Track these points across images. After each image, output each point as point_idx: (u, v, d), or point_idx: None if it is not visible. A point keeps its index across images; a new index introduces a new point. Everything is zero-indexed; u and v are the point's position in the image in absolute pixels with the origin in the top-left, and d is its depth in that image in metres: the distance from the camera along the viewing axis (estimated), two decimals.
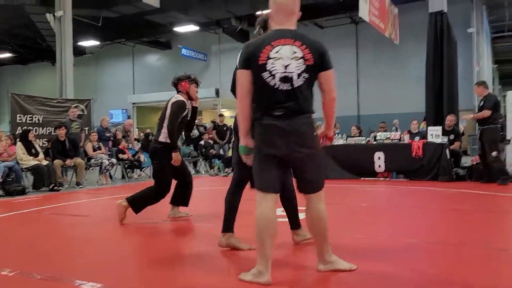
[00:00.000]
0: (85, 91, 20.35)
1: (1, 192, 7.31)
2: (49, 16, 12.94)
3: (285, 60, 2.45)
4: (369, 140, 9.13)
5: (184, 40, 21.18)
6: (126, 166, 9.93)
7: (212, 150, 11.52)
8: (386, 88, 18.38)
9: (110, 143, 10.12)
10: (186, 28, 19.01)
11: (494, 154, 7.23)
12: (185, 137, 11.35)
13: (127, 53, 24.06)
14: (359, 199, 6.35)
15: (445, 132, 8.42)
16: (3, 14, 16.20)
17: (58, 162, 8.28)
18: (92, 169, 9.34)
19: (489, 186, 7.04)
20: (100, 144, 9.53)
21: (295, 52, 2.47)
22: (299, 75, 2.46)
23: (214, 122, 12.37)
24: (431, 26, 9.43)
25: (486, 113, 7.20)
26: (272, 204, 2.54)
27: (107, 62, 24.78)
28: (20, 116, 9.98)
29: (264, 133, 2.51)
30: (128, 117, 22.29)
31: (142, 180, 9.83)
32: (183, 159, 5.09)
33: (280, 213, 4.41)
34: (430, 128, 8.53)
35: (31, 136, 8.40)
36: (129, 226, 4.51)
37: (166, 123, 4.45)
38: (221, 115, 12.69)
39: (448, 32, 9.33)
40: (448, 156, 8.03)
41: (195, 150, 11.67)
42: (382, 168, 8.51)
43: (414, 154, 8.18)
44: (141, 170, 10.43)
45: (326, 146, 2.95)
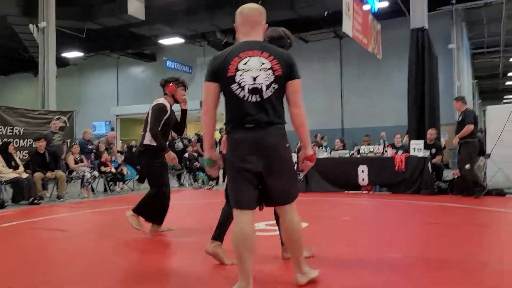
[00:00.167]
0: (68, 102, 20.06)
1: None
2: (32, 27, 12.85)
3: (253, 72, 2.44)
4: (353, 154, 9.19)
5: (169, 52, 21.18)
6: (109, 179, 9.80)
7: (197, 163, 11.45)
8: (369, 102, 18.62)
9: (93, 156, 10.00)
10: (171, 41, 19.03)
11: (467, 167, 7.38)
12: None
13: (112, 64, 23.96)
14: (343, 212, 6.36)
15: (427, 146, 8.55)
16: None
17: (38, 175, 8.13)
18: (74, 182, 9.19)
19: (469, 200, 7.13)
20: (82, 156, 9.41)
21: (263, 63, 2.46)
22: (268, 86, 2.45)
23: (198, 135, 12.33)
24: (412, 42, 9.61)
25: (470, 127, 7.32)
26: (250, 219, 2.49)
27: (91, 73, 24.61)
28: (0, 128, 9.80)
29: (236, 147, 2.48)
30: (112, 129, 22.09)
31: (125, 193, 9.70)
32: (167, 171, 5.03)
33: (264, 227, 4.43)
34: (412, 142, 8.64)
35: (11, 149, 8.25)
36: (110, 241, 4.42)
37: (149, 127, 4.47)
38: None
39: (429, 48, 9.52)
40: (430, 170, 8.13)
41: (179, 163, 11.58)
42: (366, 182, 8.57)
43: (397, 167, 8.27)
44: (124, 183, 10.31)
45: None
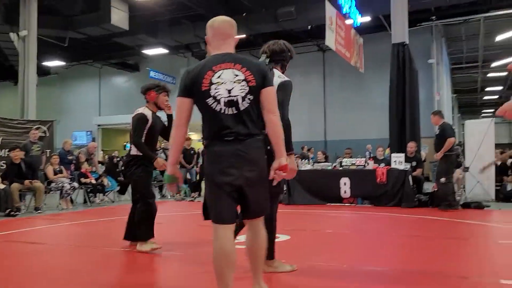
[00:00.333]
0: (48, 112, 19.75)
1: None
2: (13, 35, 12.65)
3: (227, 84, 2.44)
4: (335, 166, 9.25)
5: (153, 62, 21.11)
6: (89, 190, 9.64)
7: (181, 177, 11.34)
8: (352, 115, 18.81)
9: (73, 167, 9.83)
10: (155, 51, 18.99)
11: (442, 180, 7.51)
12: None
13: (94, 74, 23.72)
14: (325, 225, 6.37)
15: (407, 159, 8.65)
16: None
17: (15, 186, 7.94)
18: (53, 193, 9.00)
19: (449, 213, 7.23)
20: (62, 167, 9.24)
21: (237, 75, 2.46)
22: (244, 98, 2.45)
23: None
24: (394, 56, 9.79)
25: (451, 141, 7.45)
26: (230, 234, 2.45)
27: (72, 83, 24.29)
28: None
29: (216, 160, 2.45)
30: (93, 139, 21.80)
31: (105, 205, 9.55)
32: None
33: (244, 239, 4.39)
34: (393, 154, 8.74)
35: None
36: (89, 254, 4.33)
37: (131, 138, 4.43)
38: (188, 139, 12.54)
39: (410, 62, 9.70)
40: (411, 183, 8.23)
41: (161, 174, 11.46)
42: (348, 194, 8.61)
43: (378, 180, 8.34)
44: (104, 195, 10.14)
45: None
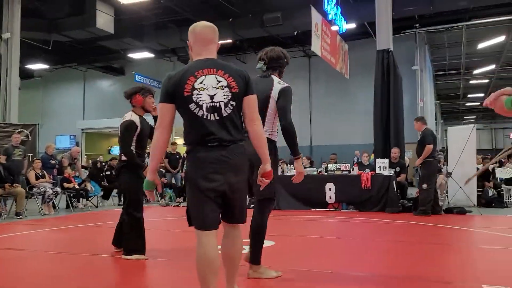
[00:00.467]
0: (31, 115, 19.48)
1: None
2: None
3: (210, 90, 2.43)
4: (320, 171, 9.28)
5: (138, 66, 20.96)
6: (72, 195, 9.50)
7: (164, 179, 11.28)
8: (337, 120, 18.93)
9: (55, 171, 9.68)
10: (141, 55, 18.86)
11: (424, 186, 7.61)
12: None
13: (78, 77, 23.43)
14: (310, 230, 6.38)
15: (391, 165, 8.74)
16: None
17: None
18: (35, 198, 8.85)
19: (432, 218, 7.32)
20: (44, 172, 9.08)
21: (220, 81, 2.45)
22: (227, 104, 2.45)
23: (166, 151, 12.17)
24: (378, 62, 9.91)
25: (429, 148, 7.57)
26: (213, 241, 2.42)
27: (56, 86, 23.96)
28: None
29: (200, 166, 2.42)
30: (76, 143, 21.51)
31: (88, 210, 9.42)
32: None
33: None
34: (378, 160, 8.82)
35: None
36: (71, 260, 4.25)
37: (120, 146, 4.32)
38: (173, 143, 12.50)
39: (394, 69, 9.83)
40: (395, 188, 8.30)
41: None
42: (333, 199, 8.65)
43: (363, 185, 8.40)
44: (87, 200, 10.00)
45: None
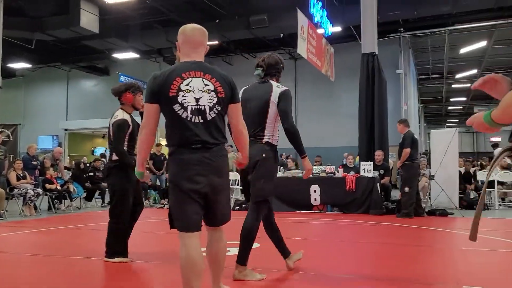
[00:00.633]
0: (13, 115, 19.15)
1: None
2: None
3: (196, 93, 2.43)
4: None
5: (123, 67, 20.75)
6: (54, 196, 9.35)
7: (148, 181, 11.18)
8: (323, 122, 19.04)
9: (37, 172, 9.51)
10: (126, 55, 18.67)
11: (406, 189, 7.69)
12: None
13: (62, 77, 23.09)
14: (295, 232, 6.37)
15: (375, 167, 8.82)
16: None
17: None
18: (15, 199, 8.68)
19: (415, 220, 7.40)
20: (26, 173, 8.92)
21: (207, 85, 2.46)
22: (212, 108, 2.46)
23: (150, 152, 12.06)
24: (363, 66, 10.00)
25: (406, 151, 7.68)
26: (197, 242, 2.42)
27: (39, 85, 23.57)
28: None
29: (183, 167, 2.41)
30: (59, 144, 21.17)
31: (71, 212, 9.28)
32: (138, 185, 4.55)
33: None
34: (362, 162, 8.89)
35: None
36: (54, 263, 4.18)
37: (113, 146, 4.20)
38: (158, 145, 12.40)
39: (379, 72, 9.93)
40: (379, 190, 8.38)
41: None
42: (318, 201, 8.68)
43: (347, 187, 8.45)
44: (70, 201, 9.84)
45: None
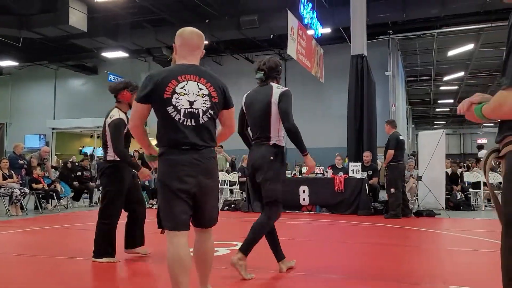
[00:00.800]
0: None
1: None
2: None
3: (190, 96, 2.45)
4: (295, 174, 9.34)
5: (112, 66, 20.60)
6: (41, 196, 9.25)
7: (138, 180, 11.09)
8: (312, 123, 19.06)
9: (24, 171, 9.41)
10: (115, 54, 18.51)
11: (392, 191, 7.75)
12: None
13: (49, 76, 22.82)
14: (284, 232, 6.36)
15: (363, 168, 8.88)
16: None
17: None
18: (1, 199, 8.57)
19: (402, 221, 7.47)
20: (12, 172, 8.82)
21: (202, 89, 2.49)
22: (205, 112, 2.48)
23: (138, 151, 11.98)
24: (352, 67, 10.06)
25: (390, 153, 7.75)
26: (185, 241, 2.43)
27: (26, 84, 23.27)
28: None
29: (173, 168, 2.43)
30: (46, 143, 20.93)
31: (58, 212, 9.19)
32: (136, 181, 4.59)
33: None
34: (351, 163, 8.94)
35: None
36: (40, 263, 4.13)
37: (109, 143, 4.13)
38: None
39: (368, 74, 10.00)
40: (368, 191, 8.43)
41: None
42: (307, 202, 8.72)
43: (336, 188, 8.49)
44: (58, 201, 9.73)
45: None
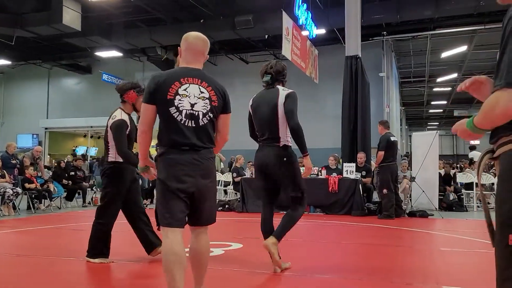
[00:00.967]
0: None
1: None
2: None
3: (192, 99, 2.53)
4: None
5: (106, 65, 20.49)
6: (33, 196, 9.18)
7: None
8: (306, 124, 18.70)
9: (16, 171, 9.34)
10: (109, 54, 18.42)
11: (384, 192, 7.79)
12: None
13: (42, 75, 22.65)
14: None
15: (357, 169, 8.90)
16: None
17: None
18: None
19: (396, 221, 7.51)
20: (4, 171, 8.76)
21: (203, 92, 2.57)
22: (205, 115, 2.56)
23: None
24: (347, 68, 10.09)
25: (380, 155, 7.79)
26: (180, 238, 2.49)
27: (18, 83, 23.09)
28: None
29: (172, 167, 2.50)
30: (39, 143, 20.79)
31: (50, 212, 9.13)
32: (135, 186, 4.41)
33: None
34: (345, 164, 8.96)
35: None
36: (32, 263, 4.10)
37: (111, 144, 4.12)
38: None
39: (362, 75, 10.03)
40: (361, 192, 8.46)
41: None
42: None
43: (330, 189, 8.51)
44: (51, 201, 9.67)
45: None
